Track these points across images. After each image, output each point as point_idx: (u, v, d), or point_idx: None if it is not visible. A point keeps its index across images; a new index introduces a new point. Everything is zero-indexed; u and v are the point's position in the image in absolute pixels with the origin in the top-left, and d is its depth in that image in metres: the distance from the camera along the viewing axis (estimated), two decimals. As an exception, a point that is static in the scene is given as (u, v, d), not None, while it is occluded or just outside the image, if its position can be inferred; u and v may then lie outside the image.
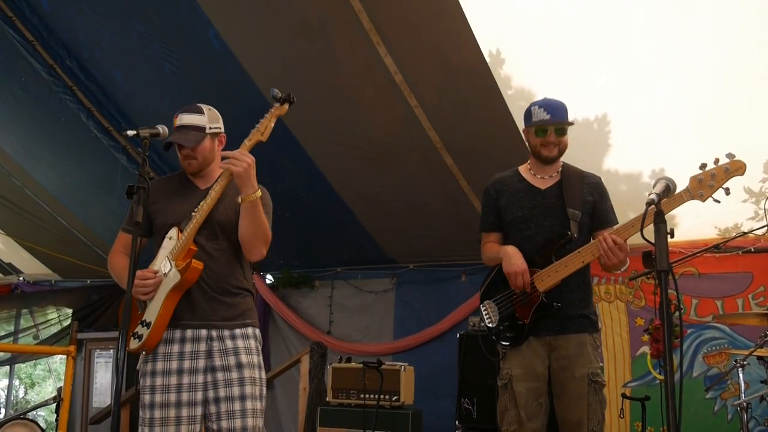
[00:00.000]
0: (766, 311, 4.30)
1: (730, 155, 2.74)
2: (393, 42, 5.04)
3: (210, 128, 3.10)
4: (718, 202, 2.75)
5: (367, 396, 5.62)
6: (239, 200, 2.92)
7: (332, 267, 7.50)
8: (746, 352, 4.43)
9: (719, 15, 4.38)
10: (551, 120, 3.22)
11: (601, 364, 3.29)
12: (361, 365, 5.72)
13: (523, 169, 3.44)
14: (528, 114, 3.34)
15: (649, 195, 2.40)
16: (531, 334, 3.19)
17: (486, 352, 3.52)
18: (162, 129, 2.95)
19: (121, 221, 3.29)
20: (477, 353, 5.55)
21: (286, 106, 2.97)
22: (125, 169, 6.62)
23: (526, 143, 3.46)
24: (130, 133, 2.93)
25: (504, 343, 3.27)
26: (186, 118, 3.09)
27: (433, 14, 4.79)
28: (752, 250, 5.62)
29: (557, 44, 4.75)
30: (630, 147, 5.31)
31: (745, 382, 4.34)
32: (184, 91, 5.86)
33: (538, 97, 3.62)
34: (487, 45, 4.89)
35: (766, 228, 5.07)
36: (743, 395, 4.28)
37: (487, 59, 4.96)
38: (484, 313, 3.37)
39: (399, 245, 7.03)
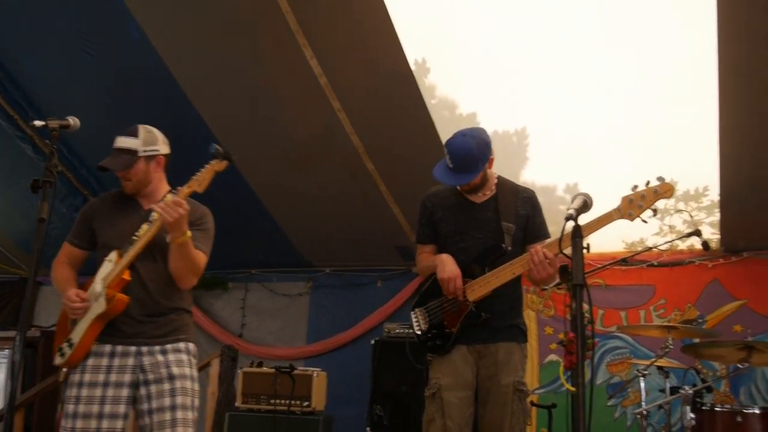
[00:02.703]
0: (667, 323, 4.51)
1: (660, 178, 2.84)
2: (319, 44, 5.00)
3: (144, 151, 3.11)
4: (646, 222, 2.86)
5: (277, 401, 5.54)
6: (168, 240, 2.97)
7: (246, 269, 7.37)
8: (647, 362, 4.64)
9: (643, 37, 4.56)
10: (450, 177, 3.24)
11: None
12: (273, 370, 5.63)
13: None
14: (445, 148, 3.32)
15: (568, 210, 2.46)
16: (457, 342, 3.21)
17: (413, 360, 3.56)
18: (72, 121, 2.84)
19: (25, 215, 3.19)
20: (391, 360, 5.58)
21: (225, 163, 2.89)
22: (31, 161, 6.29)
23: None
24: (38, 123, 2.82)
25: (431, 351, 3.29)
26: (119, 141, 3.12)
27: (361, 20, 4.79)
28: (655, 264, 5.90)
29: (482, 56, 4.84)
30: (547, 161, 5.47)
31: (645, 391, 4.54)
32: (100, 83, 5.63)
33: (461, 108, 3.66)
34: (413, 53, 4.92)
35: (669, 244, 5.35)
36: (644, 403, 4.47)
37: (413, 67, 5.00)
38: (413, 320, 3.38)
39: (316, 248, 6.99)
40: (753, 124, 4.75)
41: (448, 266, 3.21)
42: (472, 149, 3.20)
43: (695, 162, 5.10)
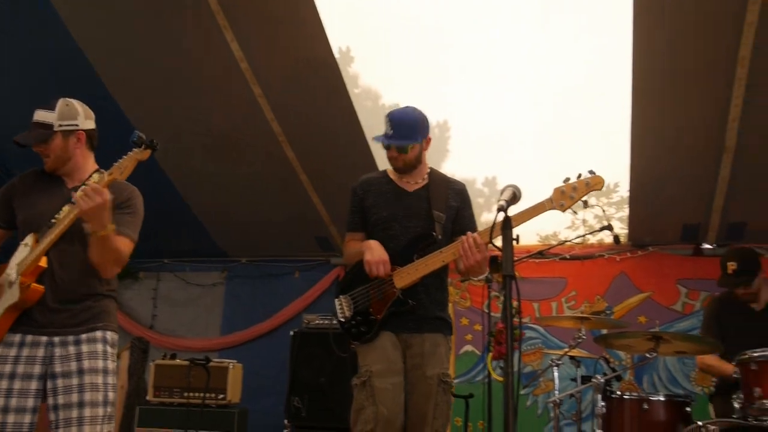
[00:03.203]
0: (580, 314, 4.65)
1: (591, 171, 2.89)
2: (241, 27, 4.86)
3: (60, 125, 2.91)
4: (576, 213, 2.89)
5: (191, 394, 5.39)
6: (87, 230, 2.75)
7: (159, 258, 7.12)
8: (561, 352, 4.77)
9: (563, 37, 4.67)
10: (391, 137, 3.25)
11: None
12: (187, 362, 5.47)
13: (391, 171, 3.44)
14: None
15: (499, 201, 2.47)
16: (383, 329, 3.18)
17: (336, 348, 3.49)
18: None
19: None
20: (310, 351, 5.52)
21: (149, 152, 2.72)
22: None
23: None
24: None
25: (354, 338, 3.24)
26: (36, 115, 2.93)
27: (284, 4, 4.69)
28: (568, 257, 6.10)
29: (407, 48, 4.83)
30: (466, 154, 5.54)
31: (558, 380, 4.66)
32: (11, 64, 5.29)
33: (385, 99, 3.64)
34: (337, 41, 4.87)
35: (581, 237, 5.53)
36: (557, 392, 4.59)
37: (337, 56, 4.94)
38: (337, 307, 3.32)
39: (232, 238, 6.83)
40: (664, 124, 4.97)
41: (376, 251, 3.18)
42: (414, 116, 3.27)
43: (608, 159, 5.29)
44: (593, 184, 2.88)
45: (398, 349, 3.17)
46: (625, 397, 3.98)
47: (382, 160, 5.14)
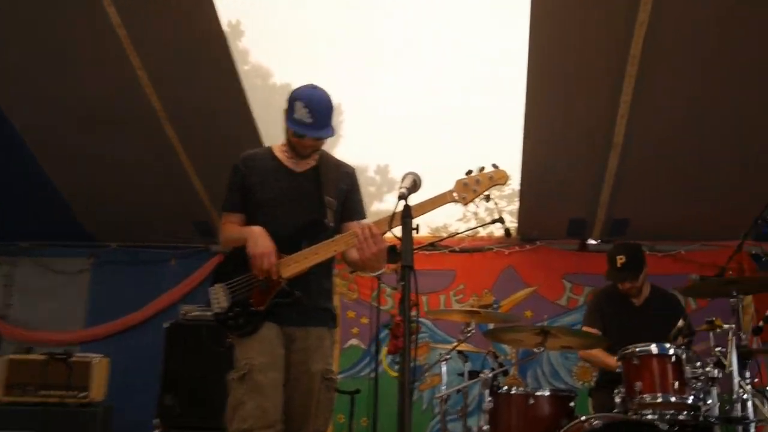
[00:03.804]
0: (470, 308, 4.72)
1: (495, 165, 2.89)
2: (119, -11, 4.57)
3: None
4: (477, 207, 2.91)
5: (49, 392, 5.08)
6: None
7: (14, 241, 6.63)
8: (448, 346, 4.83)
9: (461, 27, 4.70)
10: (311, 128, 3.07)
11: None
12: (45, 356, 5.13)
13: (278, 149, 3.28)
14: (291, 105, 3.09)
15: (399, 189, 2.42)
16: (267, 320, 3.03)
17: (210, 342, 3.31)
18: None
19: None
20: (187, 344, 5.32)
21: None
22: None
23: (284, 128, 3.23)
24: None
25: (232, 330, 3.07)
26: None
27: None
28: (458, 250, 6.19)
29: (303, 26, 4.71)
30: (359, 140, 5.50)
31: (446, 375, 4.71)
32: None
33: (276, 77, 3.49)
34: (227, 13, 4.67)
35: (472, 230, 5.62)
36: (444, 387, 4.64)
37: (226, 29, 4.74)
38: (212, 297, 3.12)
39: (102, 220, 6.44)
40: (554, 119, 5.13)
41: (261, 240, 3.00)
42: (330, 102, 3.12)
43: (502, 151, 5.40)
44: (497, 178, 2.88)
45: (281, 342, 3.05)
46: (512, 392, 4.07)
47: (270, 143, 4.99)
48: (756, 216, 4.50)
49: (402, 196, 2.38)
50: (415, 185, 2.52)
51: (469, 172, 2.87)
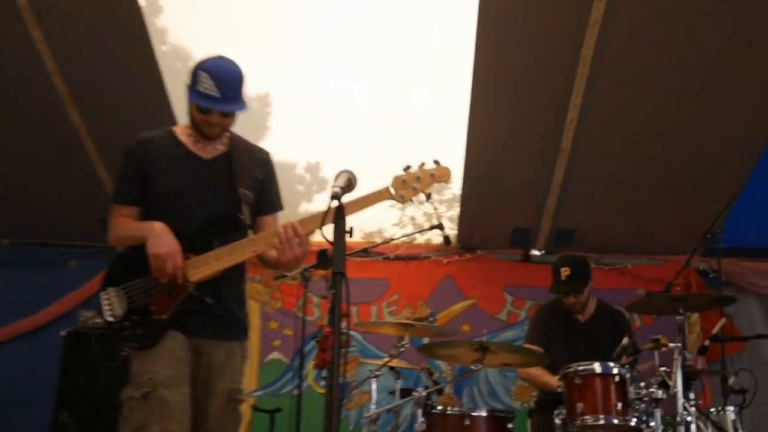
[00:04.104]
0: (404, 320, 4.74)
1: (436, 162, 2.88)
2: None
3: None
4: (422, 203, 2.90)
5: None
6: None
7: None
8: (379, 362, 4.84)
9: (403, 21, 4.74)
10: (218, 102, 2.92)
11: None
12: None
13: (181, 132, 3.11)
14: (194, 77, 2.93)
15: (333, 188, 2.42)
16: (171, 329, 2.89)
17: (99, 354, 3.12)
18: None
19: None
20: (86, 355, 5.18)
21: None
22: None
23: (186, 105, 3.09)
24: None
25: (127, 341, 2.89)
26: None
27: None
28: (392, 257, 6.22)
29: (231, 6, 4.66)
30: (289, 134, 5.48)
31: (375, 393, 4.73)
32: None
33: (197, 60, 3.32)
34: (144, -14, 4.59)
35: (409, 236, 5.67)
36: (374, 406, 4.65)
37: (142, 3, 4.65)
38: (104, 303, 2.93)
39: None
40: (500, 121, 5.23)
41: (164, 238, 2.83)
42: (240, 74, 2.99)
43: (442, 153, 5.41)
44: (439, 175, 2.86)
45: (187, 355, 2.91)
46: (446, 412, 4.12)
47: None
48: (705, 230, 4.73)
49: (335, 196, 2.38)
50: (350, 184, 2.51)
51: (407, 168, 2.83)
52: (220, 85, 2.90)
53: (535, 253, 6.35)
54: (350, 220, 2.77)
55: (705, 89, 4.93)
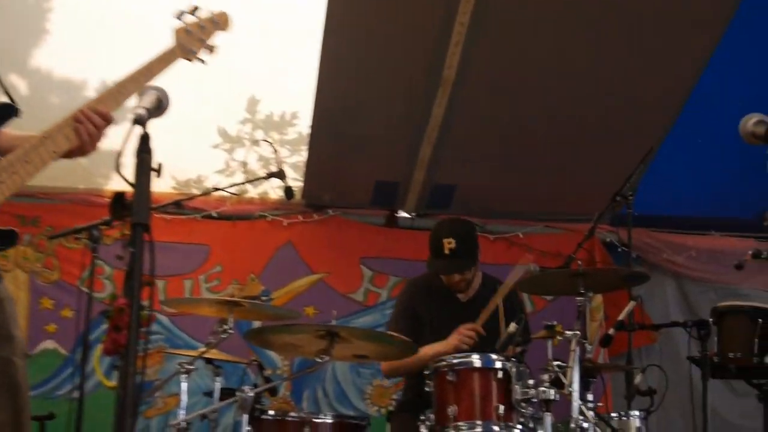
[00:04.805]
0: (228, 298, 4.66)
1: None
2: None
3: None
4: (204, 62, 3.12)
5: None
6: None
7: None
8: (193, 353, 4.77)
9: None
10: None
11: None
12: None
13: None
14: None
15: (136, 109, 2.33)
16: None
17: None
18: None
19: None
20: None
21: None
22: None
23: None
24: None
25: None
26: None
27: None
28: (215, 215, 6.12)
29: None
30: (75, 44, 5.28)
31: (186, 394, 4.66)
32: None
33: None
34: None
35: (237, 186, 5.57)
36: (183, 412, 4.59)
37: None
38: None
39: None
40: (365, 43, 5.22)
41: None
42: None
43: (290, 78, 5.42)
44: (219, 21, 3.17)
45: None
46: (279, 418, 4.12)
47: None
48: (615, 192, 4.93)
49: (139, 120, 2.28)
50: (160, 106, 2.43)
51: (182, 14, 3.08)
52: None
53: (404, 215, 6.44)
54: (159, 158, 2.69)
55: (622, 27, 5.10)
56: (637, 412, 4.28)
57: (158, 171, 2.34)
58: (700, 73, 5.38)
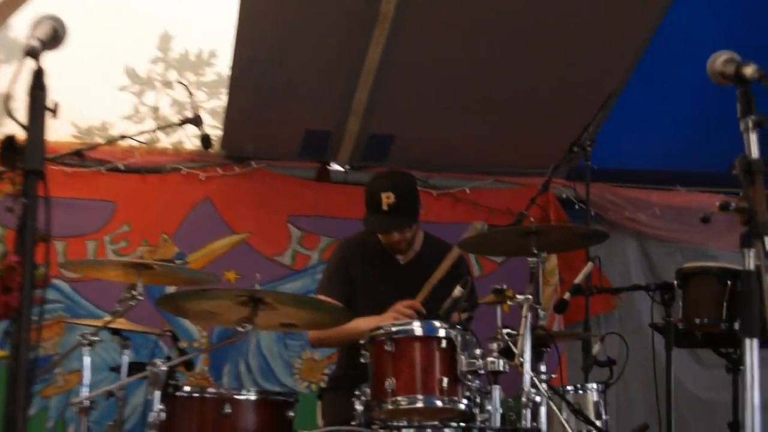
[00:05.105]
0: (138, 260, 4.62)
1: None
2: None
3: None
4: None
5: None
6: None
7: None
8: (97, 323, 4.72)
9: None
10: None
11: None
12: None
13: None
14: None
15: (29, 40, 2.27)
16: None
17: None
18: None
19: None
20: None
21: None
22: None
23: None
24: None
25: None
26: None
27: None
28: (122, 167, 6.05)
29: None
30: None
31: (89, 370, 4.62)
32: None
33: None
34: None
35: (148, 134, 5.51)
36: (86, 389, 4.55)
37: None
38: None
39: None
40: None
41: None
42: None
43: (205, 13, 5.36)
44: None
45: None
46: (196, 395, 4.11)
47: None
48: (571, 142, 4.96)
49: (32, 52, 2.23)
50: (56, 36, 2.37)
51: None
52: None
53: (336, 168, 6.45)
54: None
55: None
56: (594, 385, 4.34)
57: (54, 111, 2.28)
58: (665, 10, 5.40)
